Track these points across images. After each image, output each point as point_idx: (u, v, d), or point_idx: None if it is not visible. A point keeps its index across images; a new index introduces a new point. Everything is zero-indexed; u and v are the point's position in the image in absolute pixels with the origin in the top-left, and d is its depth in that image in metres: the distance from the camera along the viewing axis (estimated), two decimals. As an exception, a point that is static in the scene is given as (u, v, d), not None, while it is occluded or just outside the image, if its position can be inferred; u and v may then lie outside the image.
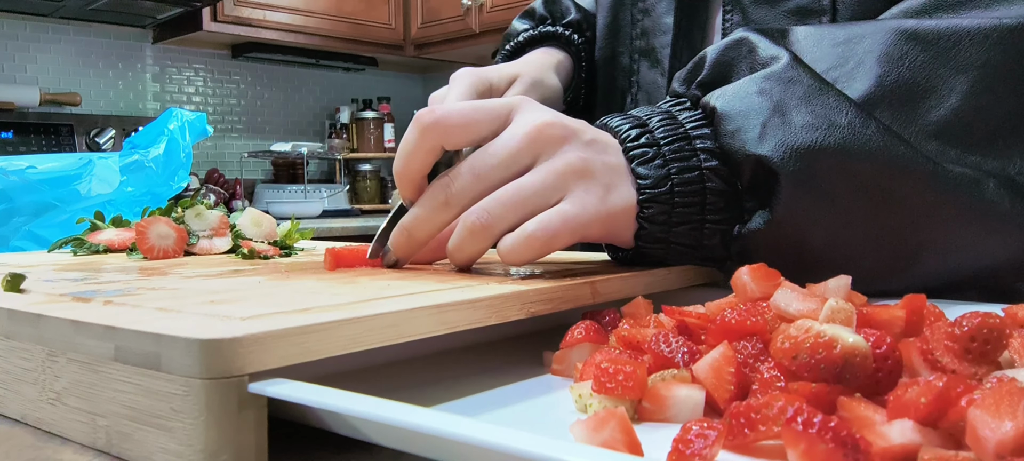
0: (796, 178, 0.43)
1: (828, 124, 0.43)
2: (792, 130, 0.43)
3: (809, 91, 0.45)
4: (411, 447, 0.25)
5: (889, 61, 0.45)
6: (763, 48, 0.48)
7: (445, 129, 0.45)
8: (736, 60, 0.49)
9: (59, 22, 2.87)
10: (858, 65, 0.45)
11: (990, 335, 0.29)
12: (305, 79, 3.59)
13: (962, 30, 0.45)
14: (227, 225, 0.68)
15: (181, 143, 0.99)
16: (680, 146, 0.46)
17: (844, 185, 0.43)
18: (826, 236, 0.45)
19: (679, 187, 0.45)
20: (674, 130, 0.47)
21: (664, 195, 0.45)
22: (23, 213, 0.90)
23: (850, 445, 0.22)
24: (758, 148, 0.44)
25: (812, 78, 0.45)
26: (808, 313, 0.32)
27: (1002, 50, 0.44)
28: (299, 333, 0.28)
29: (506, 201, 0.44)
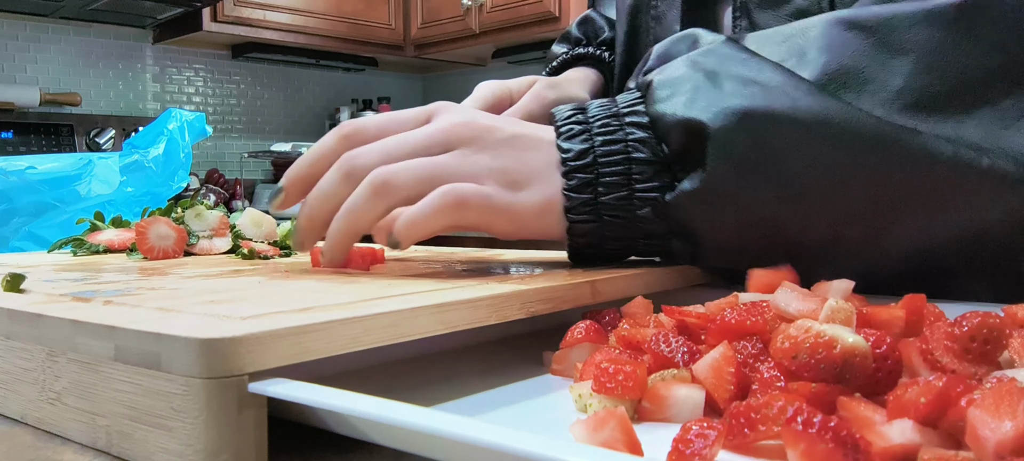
0: (725, 137, 0.43)
1: (760, 85, 0.43)
2: (723, 93, 0.44)
3: (743, 61, 0.45)
4: (411, 447, 0.25)
5: (832, 50, 0.45)
6: (705, 37, 0.49)
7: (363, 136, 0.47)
8: (680, 52, 0.50)
9: (59, 22, 2.87)
10: (801, 57, 0.45)
11: (990, 335, 0.29)
12: (305, 79, 3.59)
13: (900, 14, 0.45)
14: (227, 225, 0.68)
15: (181, 143, 0.99)
16: (607, 121, 0.46)
17: (776, 146, 0.43)
18: (761, 205, 0.44)
19: (603, 158, 0.45)
20: (607, 109, 0.47)
21: (589, 166, 0.45)
22: (23, 213, 0.90)
23: (850, 445, 0.22)
24: (688, 111, 0.44)
25: (745, 52, 0.46)
26: (808, 313, 0.32)
27: (939, 27, 0.44)
28: (299, 333, 0.28)
29: (415, 168, 0.44)
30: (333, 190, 0.45)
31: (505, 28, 3.13)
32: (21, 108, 2.74)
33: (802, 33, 0.46)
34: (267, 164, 3.43)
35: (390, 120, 0.47)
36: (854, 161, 0.43)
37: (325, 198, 0.46)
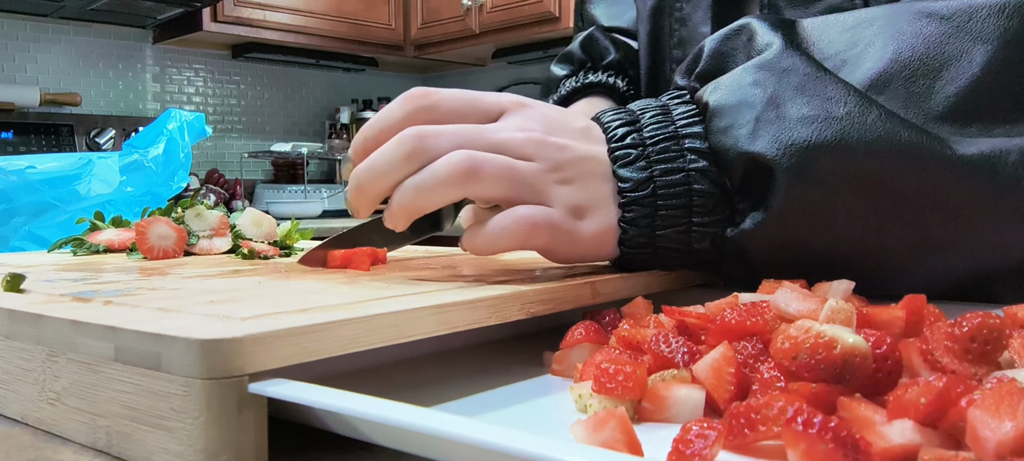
0: (792, 175, 0.41)
1: (825, 116, 0.41)
2: (787, 124, 0.41)
3: (805, 80, 0.42)
4: (411, 447, 0.25)
5: (902, 38, 0.43)
6: (760, 35, 0.46)
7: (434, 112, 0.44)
8: (735, 49, 0.47)
9: (59, 22, 2.88)
10: (868, 46, 0.43)
11: (990, 335, 0.29)
12: (305, 79, 3.59)
13: (977, 5, 0.42)
14: (227, 225, 0.68)
15: (180, 143, 0.99)
16: (667, 146, 0.44)
17: (845, 180, 0.41)
18: (828, 236, 0.43)
19: (662, 190, 0.44)
20: (664, 128, 0.45)
21: (647, 198, 0.44)
22: (23, 213, 0.90)
23: (850, 445, 0.22)
24: (751, 145, 0.42)
25: (808, 65, 0.43)
26: (808, 313, 0.32)
27: (1020, 19, 0.42)
28: (299, 333, 0.28)
29: (500, 165, 0.42)
30: (392, 167, 0.42)
31: (505, 28, 3.13)
32: (21, 108, 2.74)
33: (869, 23, 0.44)
34: (267, 164, 3.43)
35: (464, 103, 0.45)
36: (927, 194, 0.41)
37: (381, 174, 0.43)
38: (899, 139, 0.41)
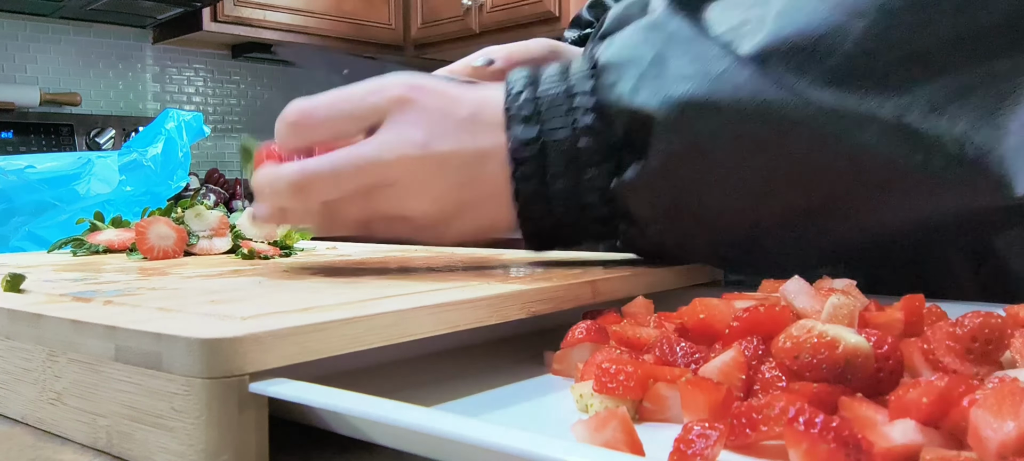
0: (668, 128, 0.42)
1: (703, 73, 0.43)
2: (667, 80, 0.43)
3: (689, 40, 0.44)
4: (411, 447, 0.25)
5: (786, 15, 0.44)
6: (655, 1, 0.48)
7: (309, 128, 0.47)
8: (631, 14, 0.49)
9: (59, 22, 2.87)
10: (758, 22, 0.45)
11: (991, 335, 0.29)
12: (305, 79, 3.58)
13: None
14: (227, 225, 0.68)
15: (179, 143, 0.99)
16: (557, 103, 0.46)
17: (717, 135, 0.43)
18: (702, 194, 0.44)
19: (552, 143, 0.45)
20: (558, 86, 0.46)
21: (536, 156, 0.45)
22: (23, 213, 0.90)
23: (852, 445, 0.22)
24: (632, 99, 0.43)
25: (693, 28, 0.45)
26: (812, 313, 0.32)
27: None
28: (299, 333, 0.28)
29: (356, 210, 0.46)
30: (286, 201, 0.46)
31: (505, 28, 3.13)
32: (21, 108, 2.74)
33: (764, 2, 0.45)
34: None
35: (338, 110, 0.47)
36: (794, 154, 0.43)
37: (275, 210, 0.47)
38: (766, 97, 0.42)
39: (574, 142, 0.45)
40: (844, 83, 0.43)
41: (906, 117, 0.43)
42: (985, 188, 0.43)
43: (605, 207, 0.46)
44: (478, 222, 0.47)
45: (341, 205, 0.45)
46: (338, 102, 0.47)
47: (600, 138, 0.45)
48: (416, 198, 0.45)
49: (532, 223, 0.47)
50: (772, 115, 0.42)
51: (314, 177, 0.45)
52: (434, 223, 0.46)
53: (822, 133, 0.42)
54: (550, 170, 0.45)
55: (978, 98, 0.43)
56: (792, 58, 0.43)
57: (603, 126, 0.45)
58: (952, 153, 0.43)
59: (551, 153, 0.45)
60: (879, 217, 0.45)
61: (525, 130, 0.45)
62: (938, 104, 0.43)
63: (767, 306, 0.32)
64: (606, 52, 0.46)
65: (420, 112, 0.46)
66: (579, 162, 0.45)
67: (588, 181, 0.45)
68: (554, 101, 0.46)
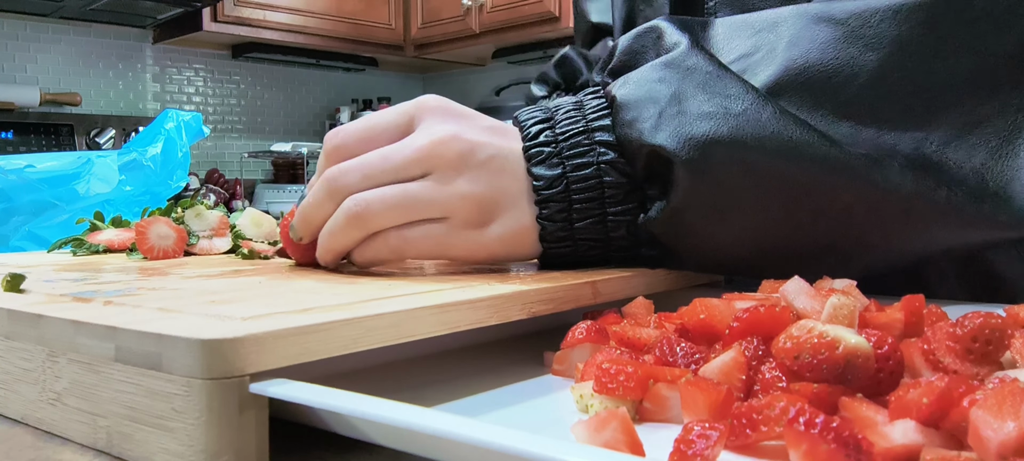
0: (691, 167, 0.42)
1: (724, 112, 0.43)
2: (687, 119, 0.43)
3: (707, 78, 0.44)
4: (412, 447, 0.25)
5: (798, 45, 0.44)
6: (669, 35, 0.48)
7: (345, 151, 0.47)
8: (645, 47, 0.49)
9: (59, 22, 2.88)
10: (770, 51, 0.45)
11: (992, 335, 0.29)
12: (305, 79, 3.59)
13: (872, 8, 0.44)
14: (227, 225, 0.68)
15: (178, 142, 0.99)
16: (578, 141, 0.46)
17: (739, 174, 0.43)
18: (725, 229, 0.45)
19: (576, 184, 0.45)
20: (575, 124, 0.46)
21: (560, 194, 0.45)
22: (22, 212, 0.90)
23: (852, 445, 0.22)
24: (653, 137, 0.43)
25: (711, 64, 0.45)
26: (812, 313, 0.32)
27: (912, 24, 0.43)
28: (300, 333, 0.28)
29: (388, 199, 0.44)
30: (318, 209, 0.46)
31: (505, 28, 3.13)
32: (21, 108, 2.74)
33: (773, 27, 0.46)
34: (267, 164, 3.43)
35: (372, 128, 0.47)
36: (818, 192, 0.43)
37: (311, 217, 0.47)
38: (790, 137, 0.42)
39: (599, 178, 0.45)
40: (860, 117, 0.43)
41: (924, 150, 0.43)
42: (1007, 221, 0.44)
43: (630, 239, 0.47)
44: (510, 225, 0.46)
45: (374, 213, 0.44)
46: (370, 119, 0.48)
47: (624, 173, 0.45)
48: (452, 182, 0.45)
49: (554, 258, 0.47)
50: (796, 154, 0.42)
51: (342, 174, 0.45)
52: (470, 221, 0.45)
53: (846, 171, 0.43)
54: (576, 207, 0.45)
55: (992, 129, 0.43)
56: (806, 91, 0.44)
57: (625, 162, 0.45)
58: (973, 185, 0.43)
59: (576, 191, 0.45)
60: (901, 248, 0.46)
61: (548, 168, 0.45)
62: (954, 137, 0.43)
63: (767, 306, 0.32)
64: (622, 89, 0.46)
65: (448, 114, 0.47)
66: (604, 199, 0.45)
67: (614, 218, 0.46)
68: (574, 138, 0.46)
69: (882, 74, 0.43)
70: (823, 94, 0.43)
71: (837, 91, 0.43)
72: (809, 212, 0.44)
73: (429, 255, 0.46)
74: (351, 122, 0.49)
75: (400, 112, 0.47)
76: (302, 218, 0.48)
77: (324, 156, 0.48)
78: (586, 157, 0.45)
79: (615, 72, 0.49)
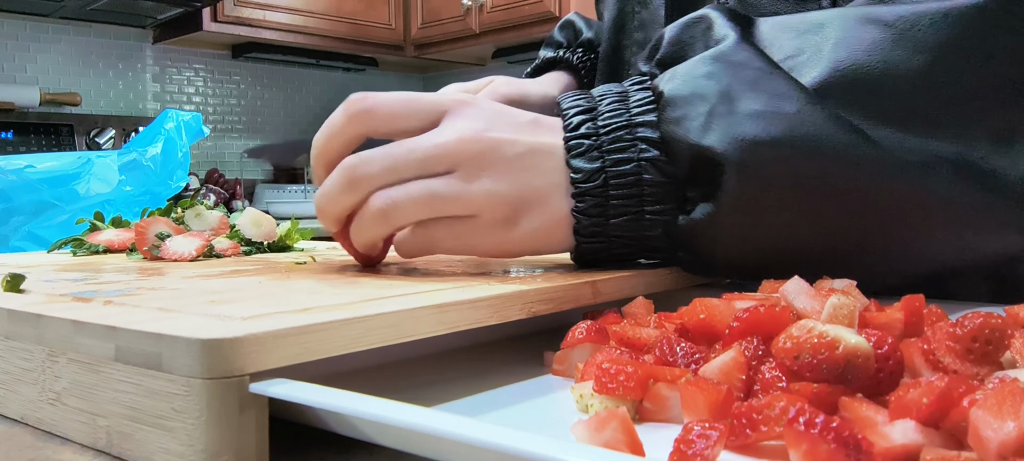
0: (740, 169, 0.41)
1: (775, 112, 0.42)
2: (737, 119, 0.42)
3: (757, 76, 0.43)
4: (411, 447, 0.25)
5: (846, 46, 0.43)
6: (718, 26, 0.46)
7: (373, 117, 0.45)
8: (693, 38, 0.48)
9: (59, 22, 2.87)
10: (816, 52, 0.44)
11: (992, 335, 0.29)
12: (305, 79, 3.59)
13: (921, 11, 0.43)
14: (227, 225, 0.68)
15: (178, 142, 0.99)
16: (619, 135, 0.45)
17: (790, 177, 0.42)
18: (775, 232, 0.44)
19: (614, 180, 0.44)
20: (619, 117, 0.45)
21: (597, 189, 0.44)
22: (23, 213, 0.90)
23: (852, 445, 0.22)
24: (702, 138, 0.42)
25: (761, 60, 0.44)
26: (812, 313, 0.32)
27: (960, 28, 0.42)
28: (300, 333, 0.28)
29: (416, 196, 0.44)
30: (336, 196, 0.45)
31: (505, 28, 3.13)
32: (21, 108, 2.74)
33: (817, 28, 0.45)
34: (267, 164, 3.43)
35: (405, 105, 0.46)
36: (867, 196, 0.43)
37: (328, 202, 0.46)
38: (842, 141, 0.42)
39: (638, 175, 0.44)
40: (908, 121, 0.43)
41: (971, 156, 0.43)
42: None
43: (666, 241, 0.46)
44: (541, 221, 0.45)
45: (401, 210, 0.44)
46: (402, 96, 0.46)
47: (665, 173, 0.44)
48: (477, 180, 0.44)
49: (586, 253, 0.47)
50: (849, 159, 0.42)
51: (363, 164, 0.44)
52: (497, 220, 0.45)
53: (898, 177, 0.42)
54: (612, 203, 0.44)
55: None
56: (853, 93, 0.43)
57: (668, 161, 0.44)
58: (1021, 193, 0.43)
59: (614, 187, 0.44)
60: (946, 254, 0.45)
61: (588, 162, 0.45)
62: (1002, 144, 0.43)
63: (767, 306, 0.32)
64: (669, 84, 0.45)
65: (478, 110, 0.46)
66: (643, 197, 0.44)
67: (650, 218, 0.45)
68: (616, 132, 0.45)
69: (931, 78, 0.42)
70: (871, 97, 0.43)
71: (885, 94, 0.43)
72: (858, 216, 0.43)
73: (456, 252, 0.46)
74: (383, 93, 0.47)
75: (432, 102, 0.46)
76: (319, 208, 0.46)
77: (346, 120, 0.46)
78: (627, 153, 0.44)
79: (662, 63, 0.48)
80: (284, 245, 0.68)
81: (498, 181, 0.44)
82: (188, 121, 1.02)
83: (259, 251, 0.66)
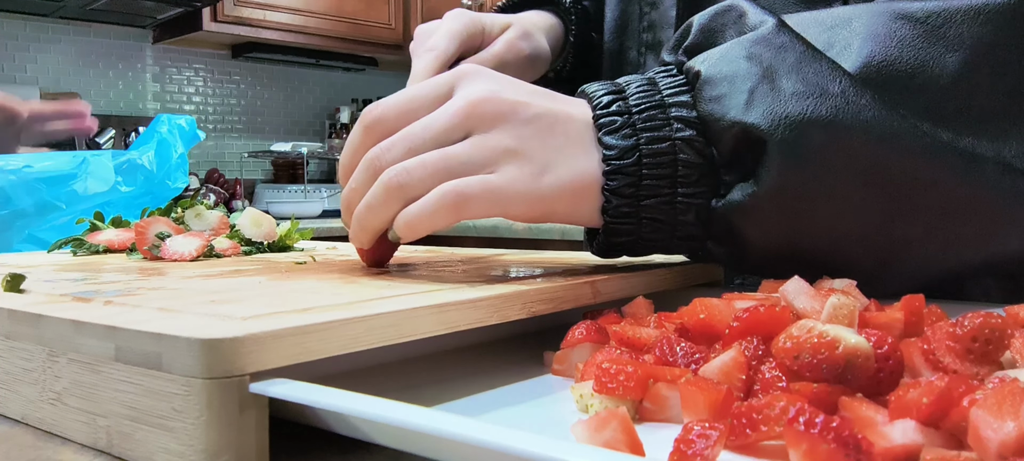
0: (785, 148, 0.40)
1: (820, 92, 0.41)
2: (781, 97, 0.41)
3: (801, 57, 0.42)
4: (411, 447, 0.25)
5: (877, 40, 0.43)
6: (752, 13, 0.46)
7: (386, 122, 0.45)
8: (724, 25, 0.47)
9: (59, 22, 2.87)
10: (845, 47, 0.43)
11: (992, 335, 0.29)
12: (305, 79, 3.59)
13: (952, 8, 0.42)
14: (227, 225, 0.68)
15: (173, 144, 0.99)
16: (653, 114, 0.43)
17: (837, 159, 0.41)
18: (817, 219, 0.42)
19: (648, 158, 0.43)
20: (650, 97, 0.44)
21: (631, 167, 0.43)
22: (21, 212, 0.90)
23: (852, 445, 0.22)
24: (745, 115, 0.41)
25: (803, 44, 0.43)
26: (812, 313, 0.32)
27: (993, 27, 0.42)
28: (300, 333, 0.28)
29: (429, 164, 0.42)
30: (363, 187, 0.44)
31: (505, 28, 3.12)
32: (21, 108, 2.74)
33: (846, 23, 0.44)
34: (267, 164, 3.43)
35: (411, 101, 0.45)
36: (916, 180, 0.42)
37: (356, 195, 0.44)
38: (891, 125, 0.41)
39: (673, 155, 0.43)
40: (941, 119, 0.42)
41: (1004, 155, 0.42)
42: None
43: (700, 226, 0.44)
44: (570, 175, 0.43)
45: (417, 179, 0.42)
46: (410, 91, 0.45)
47: (702, 154, 0.43)
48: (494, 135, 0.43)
49: (614, 236, 0.45)
50: (898, 143, 0.41)
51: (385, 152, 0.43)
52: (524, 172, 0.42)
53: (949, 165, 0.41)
54: (645, 183, 0.43)
55: None
56: (886, 89, 0.42)
57: (705, 141, 0.43)
58: None
59: (648, 166, 0.43)
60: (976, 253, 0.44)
61: (621, 138, 0.43)
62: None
63: (767, 306, 0.32)
64: (706, 65, 0.44)
65: (488, 75, 0.45)
66: (676, 178, 0.43)
67: (683, 201, 0.43)
68: (648, 111, 0.44)
69: (965, 76, 0.42)
70: (905, 92, 0.42)
71: (919, 91, 0.42)
72: (906, 213, 0.42)
73: (486, 211, 0.42)
74: (389, 96, 0.46)
75: (440, 82, 0.45)
76: (347, 207, 0.45)
77: (363, 132, 0.45)
78: (661, 131, 0.43)
79: (691, 51, 0.47)
80: (284, 245, 0.68)
81: (516, 139, 0.43)
82: (181, 125, 1.02)
83: (259, 251, 0.66)
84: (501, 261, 0.55)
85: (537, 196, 0.43)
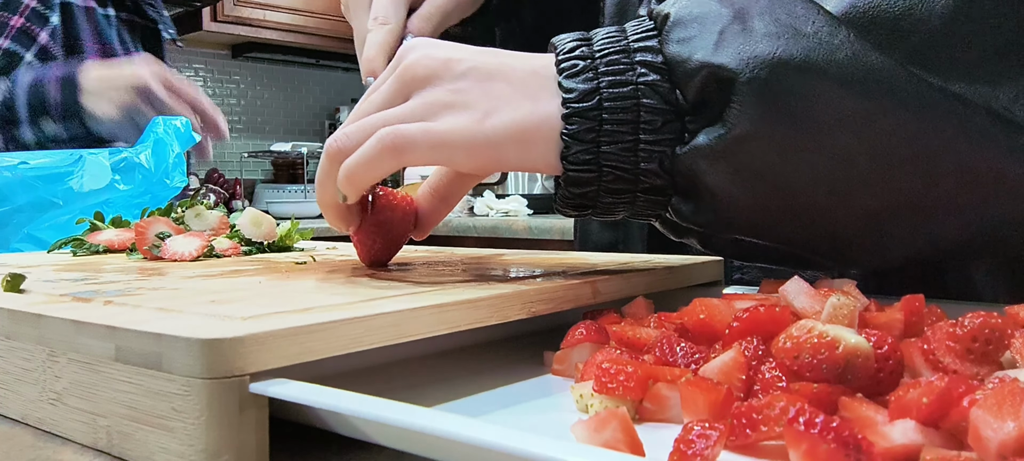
0: (755, 89, 0.38)
1: (793, 31, 0.39)
2: (753, 38, 0.39)
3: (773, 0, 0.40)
4: (411, 447, 0.25)
5: None
6: None
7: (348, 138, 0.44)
8: None
9: (59, 22, 2.87)
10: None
11: (991, 335, 0.29)
12: (305, 79, 3.59)
13: None
14: (227, 225, 0.68)
15: (169, 145, 0.99)
16: (617, 57, 0.42)
17: (809, 102, 0.38)
18: (787, 170, 0.40)
19: (609, 102, 0.41)
20: (616, 42, 0.42)
21: (591, 111, 0.41)
22: (22, 213, 0.90)
23: (852, 445, 0.22)
24: (714, 57, 0.39)
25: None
26: (812, 313, 0.32)
27: None
28: (300, 333, 0.28)
29: (367, 125, 0.42)
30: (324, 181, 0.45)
31: (505, 28, 3.12)
32: (21, 108, 2.74)
33: None
34: (267, 164, 3.43)
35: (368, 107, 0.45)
36: (895, 126, 0.39)
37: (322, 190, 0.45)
38: (869, 64, 0.38)
39: (636, 99, 0.41)
40: (929, 66, 0.39)
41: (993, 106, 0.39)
42: None
43: (663, 176, 0.42)
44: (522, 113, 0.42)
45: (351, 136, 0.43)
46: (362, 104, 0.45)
47: (666, 98, 0.41)
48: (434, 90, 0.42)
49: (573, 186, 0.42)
50: (876, 84, 0.38)
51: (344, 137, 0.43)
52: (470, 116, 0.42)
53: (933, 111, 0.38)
54: (605, 128, 0.41)
55: None
56: (870, 33, 0.39)
57: (670, 85, 0.41)
58: None
59: (608, 111, 0.41)
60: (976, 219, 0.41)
61: (582, 82, 0.41)
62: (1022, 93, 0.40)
63: (767, 306, 0.32)
64: (675, 6, 0.41)
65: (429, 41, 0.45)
66: (639, 124, 0.41)
67: (646, 148, 0.41)
68: (612, 55, 0.42)
69: (953, 21, 0.39)
70: (892, 37, 0.39)
71: (905, 36, 0.39)
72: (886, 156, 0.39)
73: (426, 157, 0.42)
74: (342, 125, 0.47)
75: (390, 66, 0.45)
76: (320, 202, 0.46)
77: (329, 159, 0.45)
78: (624, 75, 0.41)
79: None
80: (284, 245, 0.68)
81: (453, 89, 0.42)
82: (177, 127, 1.02)
83: (259, 251, 0.66)
84: (501, 261, 0.55)
85: (483, 140, 0.41)
